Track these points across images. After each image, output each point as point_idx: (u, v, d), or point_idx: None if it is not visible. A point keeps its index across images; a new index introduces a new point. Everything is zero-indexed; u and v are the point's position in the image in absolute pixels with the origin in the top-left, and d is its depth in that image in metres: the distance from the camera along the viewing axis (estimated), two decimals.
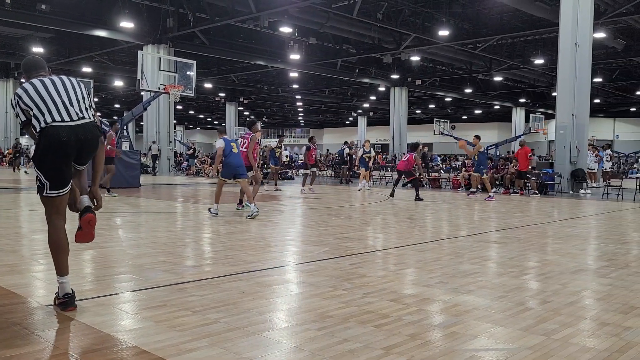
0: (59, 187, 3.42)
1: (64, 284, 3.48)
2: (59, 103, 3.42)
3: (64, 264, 3.49)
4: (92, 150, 3.54)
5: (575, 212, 11.42)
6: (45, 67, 3.69)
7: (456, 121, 50.82)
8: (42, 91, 3.44)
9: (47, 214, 3.51)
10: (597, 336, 3.20)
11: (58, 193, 3.43)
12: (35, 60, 3.69)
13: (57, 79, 3.56)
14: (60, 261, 3.48)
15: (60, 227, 3.49)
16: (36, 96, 3.41)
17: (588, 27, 16.02)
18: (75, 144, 3.38)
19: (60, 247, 3.48)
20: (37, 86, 3.46)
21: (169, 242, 6.41)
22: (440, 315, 3.61)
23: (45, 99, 3.41)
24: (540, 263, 5.47)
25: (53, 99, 3.42)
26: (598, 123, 46.76)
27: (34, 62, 3.67)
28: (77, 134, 3.38)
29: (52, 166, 3.38)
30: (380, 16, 22.73)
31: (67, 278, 3.49)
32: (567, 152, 16.17)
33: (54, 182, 3.40)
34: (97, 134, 3.54)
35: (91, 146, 3.51)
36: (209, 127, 72.40)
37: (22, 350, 2.79)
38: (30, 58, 3.71)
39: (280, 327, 3.32)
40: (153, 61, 21.24)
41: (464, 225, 8.80)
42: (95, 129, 3.52)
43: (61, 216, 3.51)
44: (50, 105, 3.39)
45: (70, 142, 3.36)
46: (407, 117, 36.92)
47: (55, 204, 3.47)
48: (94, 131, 3.50)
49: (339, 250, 5.97)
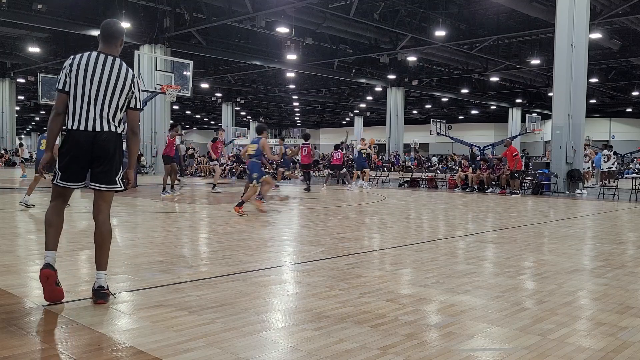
0: (64, 179, 3.67)
1: (49, 257, 3.59)
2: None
3: (54, 239, 3.65)
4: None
5: (571, 212, 11.45)
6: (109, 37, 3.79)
7: (453, 121, 50.89)
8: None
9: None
10: (593, 336, 3.21)
11: (61, 184, 3.69)
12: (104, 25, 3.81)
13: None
14: (47, 234, 3.66)
15: (57, 206, 3.71)
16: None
17: (584, 28, 16.07)
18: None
19: (52, 223, 3.68)
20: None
21: (165, 242, 6.40)
22: (436, 315, 3.61)
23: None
24: (536, 263, 5.49)
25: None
26: (594, 123, 46.92)
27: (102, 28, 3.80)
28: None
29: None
30: (376, 16, 22.76)
31: (53, 253, 3.61)
32: (563, 153, 16.22)
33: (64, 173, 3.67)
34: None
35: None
36: (205, 127, 72.31)
37: (18, 351, 2.78)
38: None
39: (277, 327, 3.32)
40: (149, 61, 21.24)
41: (460, 226, 8.81)
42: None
43: (60, 200, 3.75)
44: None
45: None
46: (403, 117, 36.96)
47: (57, 191, 3.74)
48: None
49: (335, 250, 5.97)
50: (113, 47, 3.77)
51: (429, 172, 21.45)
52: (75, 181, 3.67)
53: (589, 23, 16.49)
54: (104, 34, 3.75)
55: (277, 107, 55.37)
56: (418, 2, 23.24)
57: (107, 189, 3.71)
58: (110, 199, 3.78)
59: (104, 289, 3.69)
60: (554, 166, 16.58)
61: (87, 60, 3.64)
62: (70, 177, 3.65)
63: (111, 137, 3.65)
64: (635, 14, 20.28)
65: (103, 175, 3.66)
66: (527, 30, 24.02)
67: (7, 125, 36.71)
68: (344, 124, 66.91)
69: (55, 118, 3.67)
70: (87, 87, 3.60)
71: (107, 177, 3.67)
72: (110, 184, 3.70)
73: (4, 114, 36.19)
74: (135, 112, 3.81)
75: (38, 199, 10.84)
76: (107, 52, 3.72)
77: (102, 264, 3.74)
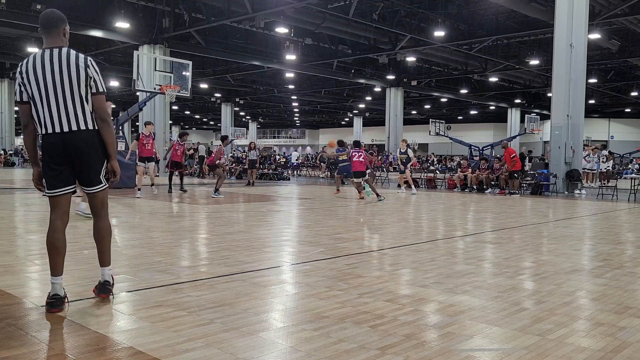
0: (49, 187, 3.53)
1: (54, 284, 3.48)
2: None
3: (55, 264, 3.49)
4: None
5: (570, 212, 11.46)
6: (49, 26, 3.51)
7: (452, 122, 50.96)
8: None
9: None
10: (592, 336, 3.21)
11: (49, 193, 3.54)
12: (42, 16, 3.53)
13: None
14: (52, 260, 3.49)
15: (55, 227, 3.51)
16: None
17: (583, 28, 16.09)
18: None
19: (52, 247, 3.49)
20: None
21: (164, 243, 6.40)
22: (435, 315, 3.61)
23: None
24: (535, 263, 5.49)
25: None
26: (593, 124, 46.94)
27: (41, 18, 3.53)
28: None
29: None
30: (376, 17, 22.75)
31: (58, 279, 3.48)
32: (562, 153, 16.23)
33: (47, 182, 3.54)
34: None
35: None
36: (204, 127, 72.31)
37: (16, 351, 2.78)
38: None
39: (276, 327, 3.32)
40: (149, 61, 21.22)
41: (460, 226, 8.81)
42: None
43: (57, 215, 3.53)
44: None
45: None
46: (402, 117, 36.97)
47: (51, 202, 3.57)
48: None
49: (334, 251, 5.97)
50: (57, 39, 3.50)
51: (428, 172, 21.46)
52: (61, 186, 3.49)
53: (588, 23, 16.52)
54: (43, 27, 3.48)
55: (276, 107, 55.38)
56: (417, 3, 23.24)
57: (90, 191, 3.60)
58: (102, 197, 3.66)
59: (109, 283, 3.76)
60: (553, 166, 16.59)
61: (33, 62, 3.42)
62: (55, 183, 3.48)
63: (82, 136, 3.45)
64: (634, 14, 20.30)
65: (85, 177, 3.54)
66: (526, 30, 24.04)
67: (6, 125, 36.67)
68: (343, 124, 66.93)
69: (24, 132, 3.52)
70: (43, 88, 3.40)
71: (88, 178, 3.55)
72: (92, 185, 3.57)
73: (3, 114, 36.17)
74: (99, 96, 3.50)
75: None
76: (51, 45, 3.47)
77: (104, 260, 3.76)
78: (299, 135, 75.05)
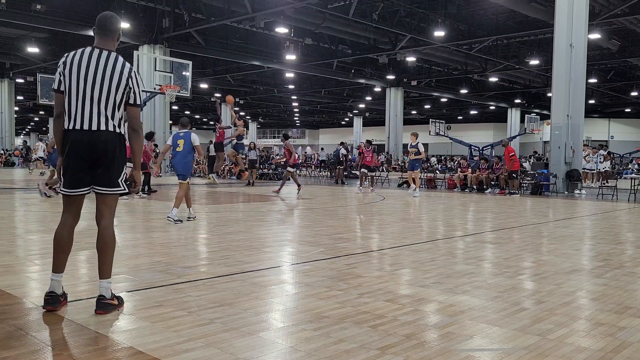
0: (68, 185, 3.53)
1: (53, 281, 3.48)
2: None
3: (57, 261, 3.49)
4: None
5: (570, 212, 11.46)
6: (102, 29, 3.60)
7: (452, 122, 50.99)
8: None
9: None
10: (592, 336, 3.21)
11: (66, 191, 3.56)
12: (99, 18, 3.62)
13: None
14: (55, 257, 3.50)
15: (65, 223, 3.54)
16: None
17: (583, 28, 16.09)
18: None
19: (58, 244, 3.50)
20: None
21: (164, 243, 6.40)
22: (435, 315, 3.61)
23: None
24: (535, 263, 5.49)
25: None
26: (593, 124, 46.96)
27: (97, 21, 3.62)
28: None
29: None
30: (376, 17, 22.76)
31: (58, 276, 3.49)
32: (562, 153, 16.23)
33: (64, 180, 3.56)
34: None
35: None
36: (204, 127, 72.31)
37: (17, 351, 2.78)
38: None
39: (276, 327, 3.32)
40: (149, 61, 21.24)
41: (459, 226, 8.81)
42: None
43: (71, 214, 3.57)
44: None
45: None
46: (402, 117, 36.98)
47: (65, 201, 3.58)
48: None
49: (334, 251, 5.97)
50: (109, 42, 3.58)
51: (428, 172, 21.45)
52: (79, 186, 3.48)
53: (588, 23, 16.52)
54: (100, 28, 3.56)
55: (276, 107, 55.40)
56: (417, 3, 23.25)
57: (108, 192, 3.52)
58: (113, 203, 3.58)
59: (104, 298, 3.48)
60: (553, 166, 16.59)
61: (80, 57, 3.47)
62: (74, 183, 3.46)
63: (110, 137, 3.45)
64: (634, 14, 20.31)
65: (103, 177, 3.47)
66: (526, 30, 24.05)
67: (6, 125, 36.70)
68: (343, 125, 66.94)
69: (56, 121, 3.53)
70: (82, 84, 3.42)
71: (108, 179, 3.48)
72: (112, 186, 3.51)
73: (3, 114, 36.19)
74: (134, 108, 3.59)
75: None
76: (102, 46, 3.53)
77: (104, 271, 3.53)
78: (299, 135, 75.03)
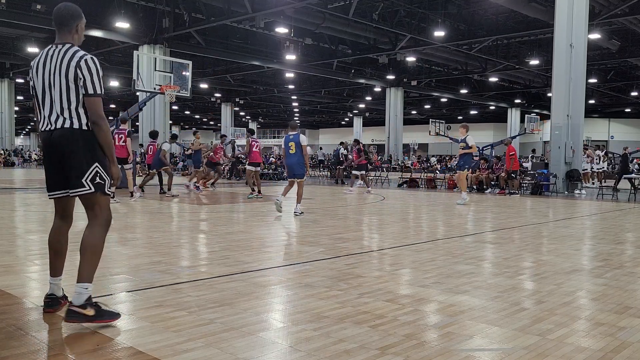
0: (47, 188, 3.45)
1: (51, 284, 3.47)
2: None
3: (53, 265, 3.47)
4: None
5: (570, 212, 11.46)
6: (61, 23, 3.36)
7: (452, 122, 50.92)
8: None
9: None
10: (592, 336, 3.21)
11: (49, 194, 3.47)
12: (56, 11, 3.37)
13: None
14: (51, 261, 3.48)
15: (55, 226, 3.50)
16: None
17: (583, 28, 16.09)
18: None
19: (50, 247, 3.48)
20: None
21: (164, 243, 6.40)
22: (435, 315, 3.61)
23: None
24: (535, 263, 5.49)
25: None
26: (593, 124, 46.96)
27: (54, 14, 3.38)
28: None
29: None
30: (375, 17, 22.77)
31: (56, 280, 3.46)
32: (562, 153, 16.23)
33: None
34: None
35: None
36: (204, 127, 72.32)
37: (16, 351, 2.78)
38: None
39: (276, 327, 3.32)
40: (149, 61, 21.22)
41: (460, 226, 8.81)
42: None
43: (58, 216, 3.50)
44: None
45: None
46: (402, 117, 36.99)
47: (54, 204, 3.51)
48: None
49: (334, 251, 5.97)
50: (67, 35, 3.35)
51: (428, 172, 21.45)
52: (54, 189, 3.36)
53: (588, 23, 16.52)
54: (55, 22, 3.35)
55: (276, 107, 55.42)
56: (417, 3, 23.26)
57: (71, 194, 3.30)
58: (92, 203, 3.31)
59: (73, 305, 3.15)
60: (553, 166, 16.59)
61: (40, 58, 3.35)
62: (49, 186, 3.37)
63: (65, 134, 3.22)
64: (634, 14, 20.32)
65: (68, 177, 3.26)
66: (526, 30, 24.06)
67: (6, 125, 36.72)
68: (343, 124, 66.95)
69: (37, 126, 3.47)
70: (41, 84, 3.30)
71: (67, 179, 3.26)
72: (74, 187, 3.24)
73: (3, 114, 36.21)
74: (90, 98, 3.23)
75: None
76: (60, 41, 3.34)
77: (79, 272, 3.24)
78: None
